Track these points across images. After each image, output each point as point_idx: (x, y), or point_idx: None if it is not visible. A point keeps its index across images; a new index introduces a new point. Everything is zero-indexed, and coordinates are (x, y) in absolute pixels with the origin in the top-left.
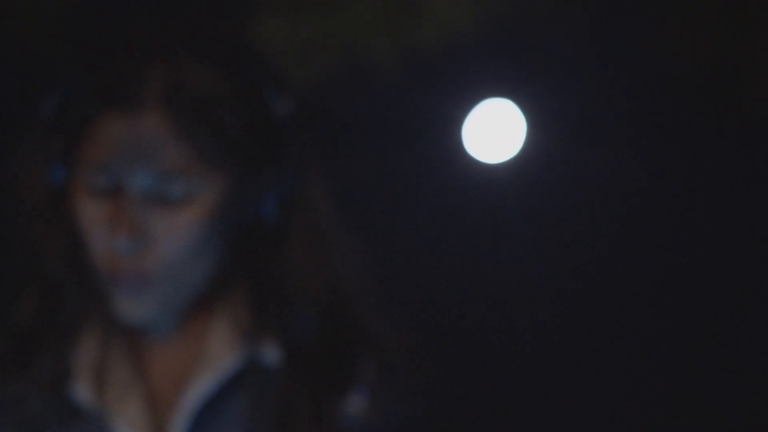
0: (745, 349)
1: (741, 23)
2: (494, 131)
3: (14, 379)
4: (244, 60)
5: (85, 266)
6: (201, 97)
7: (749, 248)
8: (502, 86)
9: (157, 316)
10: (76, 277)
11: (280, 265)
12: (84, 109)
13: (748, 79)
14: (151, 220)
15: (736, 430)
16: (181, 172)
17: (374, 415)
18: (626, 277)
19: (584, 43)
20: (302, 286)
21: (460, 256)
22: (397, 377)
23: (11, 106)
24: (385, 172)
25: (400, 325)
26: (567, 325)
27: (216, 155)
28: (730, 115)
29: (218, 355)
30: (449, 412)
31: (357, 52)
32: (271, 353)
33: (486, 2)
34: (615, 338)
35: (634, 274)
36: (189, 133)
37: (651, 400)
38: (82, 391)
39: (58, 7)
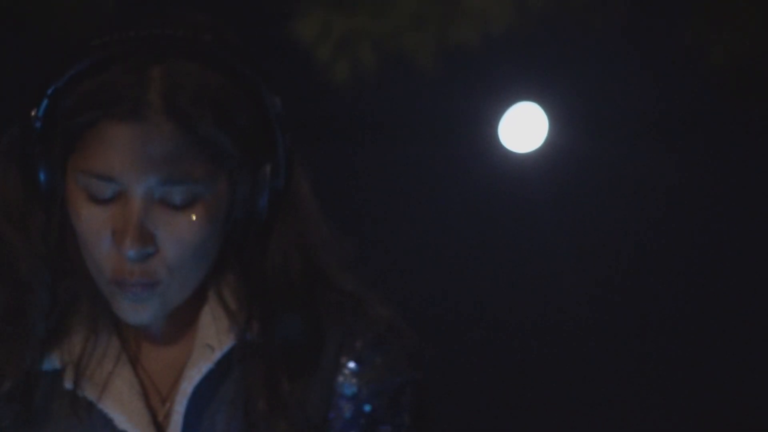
0: None
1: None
2: (523, 127)
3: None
4: (239, 60)
5: (71, 267)
6: (202, 99)
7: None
8: (529, 91)
9: (158, 317)
10: (58, 275)
11: (265, 251)
12: (81, 116)
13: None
14: (156, 225)
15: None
16: (186, 177)
17: (363, 388)
18: (621, 249)
19: (594, 56)
20: (285, 272)
21: (494, 226)
22: (386, 350)
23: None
24: (437, 159)
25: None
26: (580, 290)
27: (219, 157)
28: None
29: (210, 341)
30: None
31: (395, 48)
32: (256, 334)
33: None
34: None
35: (630, 247)
36: (193, 137)
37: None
38: (72, 384)
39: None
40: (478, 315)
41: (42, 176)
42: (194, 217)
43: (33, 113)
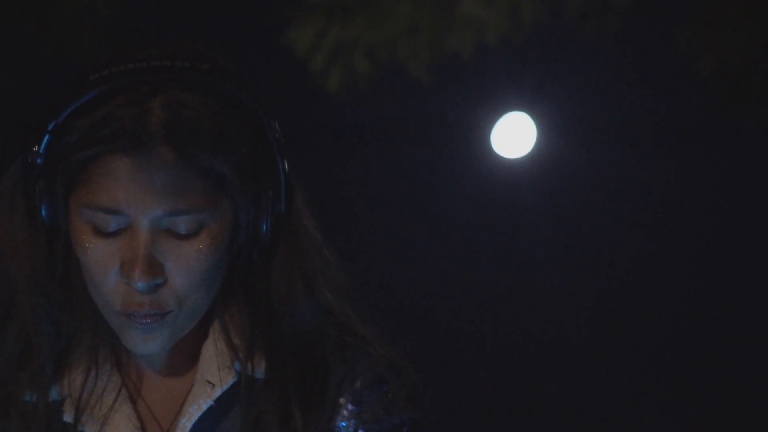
0: None
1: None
2: (514, 134)
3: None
4: (237, 88)
5: (74, 300)
6: (202, 129)
7: (748, 246)
8: (523, 100)
9: (167, 346)
10: (62, 309)
11: (269, 277)
12: (83, 151)
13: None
14: (164, 255)
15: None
16: (191, 206)
17: (360, 428)
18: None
19: (587, 65)
20: (288, 299)
21: (486, 230)
22: (384, 390)
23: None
24: (430, 166)
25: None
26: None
27: (222, 185)
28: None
29: (214, 377)
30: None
31: (390, 57)
32: (260, 367)
33: (511, 10)
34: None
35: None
36: (195, 167)
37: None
38: (71, 418)
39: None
40: (471, 318)
41: (45, 211)
42: (200, 246)
43: (34, 149)
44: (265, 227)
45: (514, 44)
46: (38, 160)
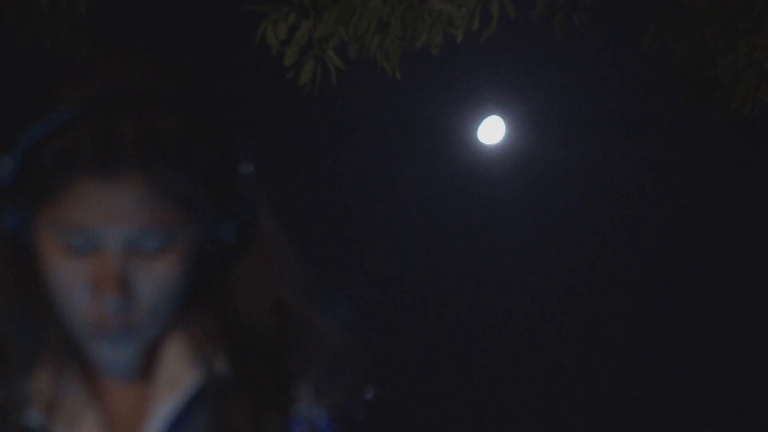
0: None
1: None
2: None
3: None
4: (207, 105)
5: (37, 305)
6: (173, 151)
7: (715, 236)
8: (493, 97)
9: (134, 358)
10: (27, 315)
11: (232, 281)
12: (53, 175)
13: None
14: (132, 274)
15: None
16: (161, 226)
17: (317, 414)
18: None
19: (556, 59)
20: (250, 299)
21: (464, 223)
22: (339, 376)
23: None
24: (405, 159)
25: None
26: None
27: (192, 203)
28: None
29: (177, 376)
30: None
31: (361, 52)
32: (224, 367)
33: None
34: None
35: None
36: (166, 188)
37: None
38: (36, 420)
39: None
40: (451, 297)
41: (9, 219)
42: (170, 263)
43: (4, 172)
44: (231, 236)
45: (485, 38)
46: (6, 180)
